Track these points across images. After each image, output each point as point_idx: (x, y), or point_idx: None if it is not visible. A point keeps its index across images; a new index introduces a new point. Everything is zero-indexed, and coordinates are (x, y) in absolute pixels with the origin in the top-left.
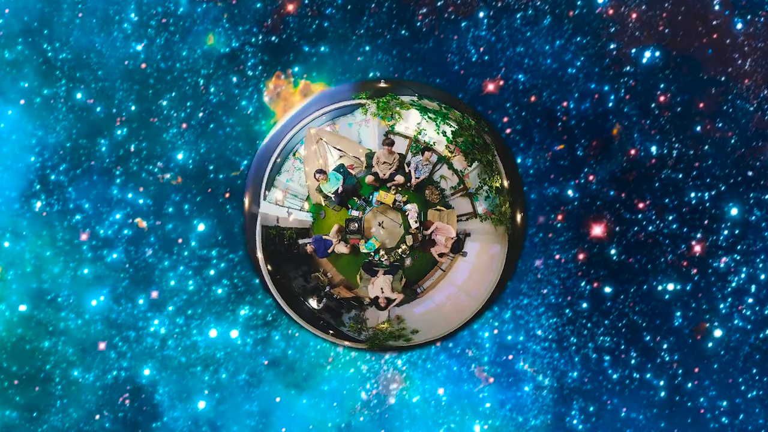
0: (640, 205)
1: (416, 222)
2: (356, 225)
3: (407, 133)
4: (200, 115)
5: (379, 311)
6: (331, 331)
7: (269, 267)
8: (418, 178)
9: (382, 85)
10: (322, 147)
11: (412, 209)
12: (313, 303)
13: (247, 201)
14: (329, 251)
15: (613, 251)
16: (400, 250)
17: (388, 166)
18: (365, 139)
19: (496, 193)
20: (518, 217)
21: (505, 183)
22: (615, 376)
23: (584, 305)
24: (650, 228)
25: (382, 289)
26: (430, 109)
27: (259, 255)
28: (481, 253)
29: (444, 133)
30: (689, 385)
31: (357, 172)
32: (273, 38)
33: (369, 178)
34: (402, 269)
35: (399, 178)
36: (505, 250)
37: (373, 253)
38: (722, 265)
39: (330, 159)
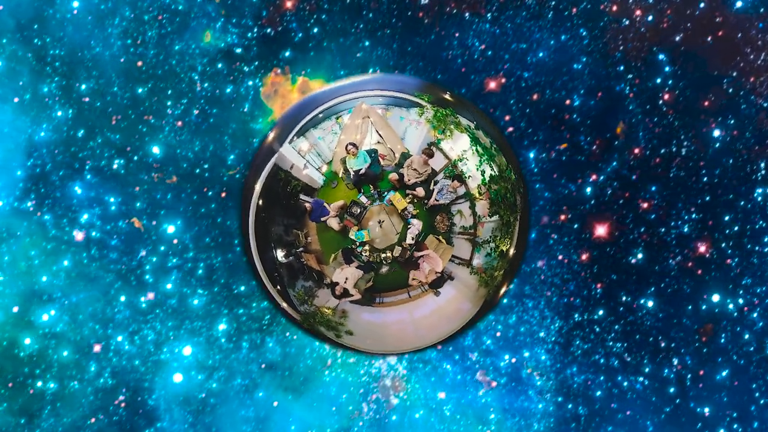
0: (645, 205)
1: (413, 239)
2: (358, 211)
3: (449, 154)
4: (195, 112)
5: (332, 297)
6: (278, 287)
7: (261, 201)
8: (437, 200)
9: (447, 97)
10: (366, 124)
11: (416, 225)
12: (280, 254)
13: (272, 135)
14: (322, 219)
15: (617, 252)
16: (383, 255)
17: (416, 175)
18: (409, 138)
19: (499, 256)
20: (504, 284)
21: (512, 251)
22: (621, 380)
23: (588, 307)
24: (655, 228)
25: (346, 279)
26: (482, 144)
27: (258, 186)
28: (452, 301)
29: (483, 173)
30: (698, 390)
31: (385, 165)
32: (270, 33)
33: (393, 176)
34: (375, 273)
35: (419, 191)
36: (473, 311)
37: (358, 244)
38: (732, 265)
39: (367, 139)
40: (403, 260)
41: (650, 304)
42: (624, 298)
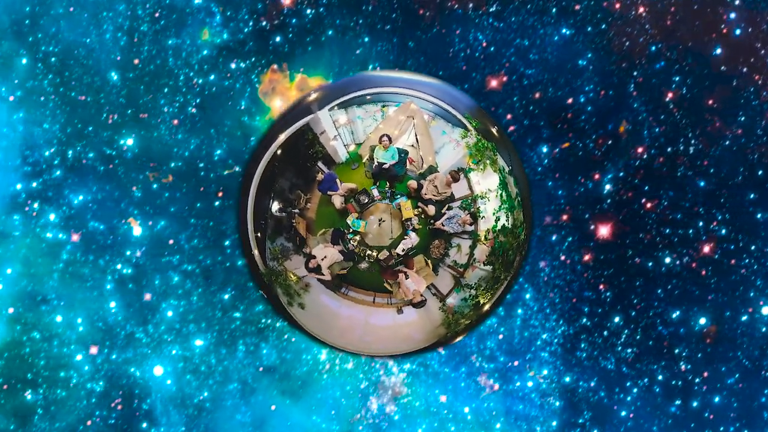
0: (648, 205)
1: (403, 251)
2: (366, 200)
3: (474, 186)
4: (192, 111)
5: (304, 267)
6: (258, 234)
7: (279, 151)
8: (443, 225)
9: (494, 131)
10: (408, 124)
11: (412, 239)
12: (274, 206)
13: (314, 95)
14: (328, 192)
15: (620, 252)
16: (369, 252)
17: (435, 192)
18: (443, 155)
19: (473, 306)
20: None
21: (487, 306)
22: (626, 384)
23: (592, 310)
24: (658, 228)
25: (325, 257)
26: (509, 191)
27: (282, 136)
28: (409, 325)
29: (497, 220)
30: (705, 394)
31: (410, 169)
32: (268, 29)
33: (412, 183)
34: (353, 264)
35: (431, 209)
36: (422, 344)
37: (351, 230)
38: (735, 265)
39: (404, 138)
40: (384, 266)
41: (655, 305)
42: (628, 301)
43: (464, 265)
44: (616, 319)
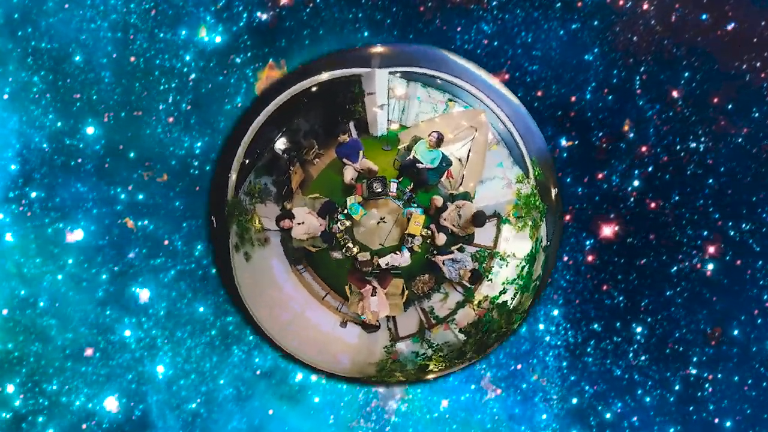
0: (652, 205)
1: (387, 265)
2: (378, 190)
3: (500, 242)
4: (188, 108)
5: (274, 220)
6: (246, 161)
7: (315, 88)
8: (442, 264)
9: (553, 192)
10: (467, 133)
11: (402, 258)
12: (280, 142)
13: (381, 49)
14: (343, 159)
15: (623, 253)
16: (350, 245)
17: (455, 222)
18: (487, 187)
19: (418, 368)
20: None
21: (431, 376)
22: (632, 388)
23: (596, 312)
24: (662, 228)
25: (302, 223)
26: (532, 271)
27: (326, 75)
28: (345, 344)
29: (502, 293)
30: (716, 399)
31: (442, 184)
32: (265, 24)
33: (437, 200)
34: (326, 248)
35: (441, 238)
36: (344, 371)
37: (344, 211)
38: (743, 267)
39: (454, 146)
40: (358, 268)
41: (659, 306)
42: (633, 302)
43: (439, 319)
44: (622, 322)
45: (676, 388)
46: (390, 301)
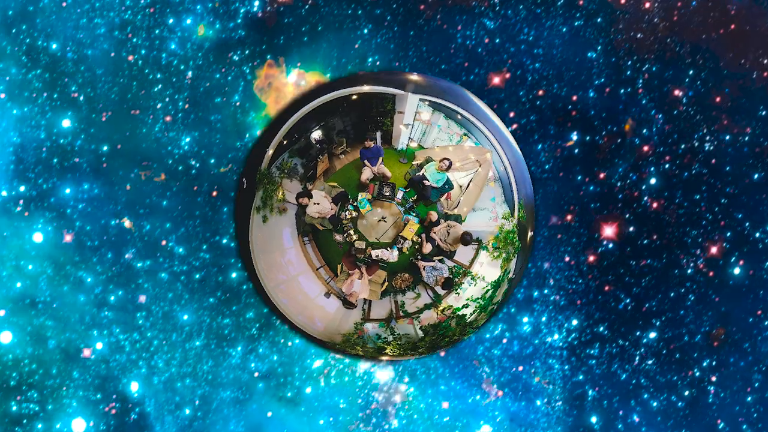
0: (654, 205)
1: (376, 257)
2: (387, 193)
3: (475, 264)
4: (186, 107)
5: (295, 196)
6: (285, 141)
7: (355, 96)
8: (423, 268)
9: (529, 235)
10: (472, 166)
11: (391, 254)
12: (317, 133)
13: (418, 78)
14: (364, 159)
15: (625, 253)
16: (351, 232)
17: (443, 237)
18: (476, 216)
19: (374, 349)
20: None
21: (384, 359)
22: (636, 390)
23: (598, 312)
24: (664, 228)
25: (317, 204)
26: (494, 296)
27: (367, 87)
28: (324, 311)
29: (463, 307)
30: (722, 402)
31: (441, 202)
32: (263, 22)
33: (432, 215)
34: (332, 230)
35: (427, 247)
36: (314, 331)
37: (354, 203)
38: (747, 267)
39: (458, 174)
40: (352, 253)
41: (662, 307)
42: (635, 303)
43: (406, 313)
44: (624, 323)
45: (681, 390)
46: (371, 287)
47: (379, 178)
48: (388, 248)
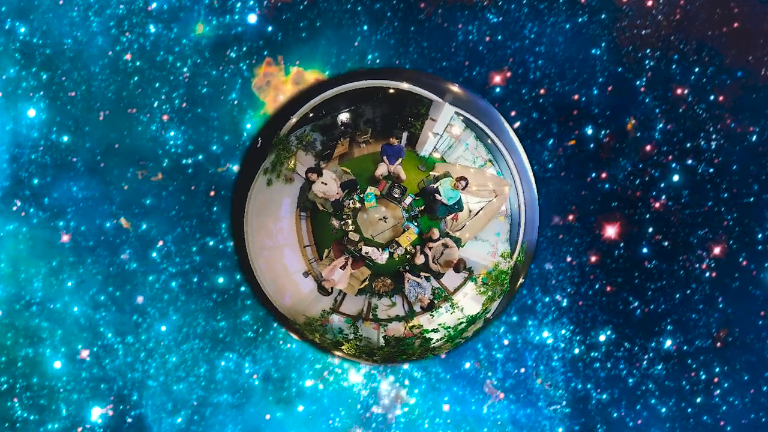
0: (657, 205)
1: (366, 254)
2: (395, 194)
3: (458, 293)
4: (183, 105)
5: (306, 168)
6: (311, 114)
7: (392, 90)
8: (407, 280)
9: (520, 281)
10: (487, 194)
11: (380, 256)
12: (344, 115)
13: (458, 90)
14: (384, 155)
15: (627, 254)
16: (349, 221)
17: (437, 255)
18: (476, 246)
19: (329, 341)
20: None
21: (337, 354)
22: (640, 392)
23: (602, 314)
24: (666, 228)
25: (325, 184)
26: (466, 330)
27: (405, 85)
28: (298, 289)
29: (433, 331)
30: (729, 405)
31: (447, 220)
32: (262, 18)
33: (434, 231)
34: (332, 214)
35: (419, 259)
36: (282, 306)
37: (361, 194)
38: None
39: (472, 198)
40: (344, 242)
41: (666, 308)
42: (639, 304)
43: (375, 318)
44: (629, 324)
45: (687, 394)
46: (350, 281)
47: (393, 178)
48: (380, 249)
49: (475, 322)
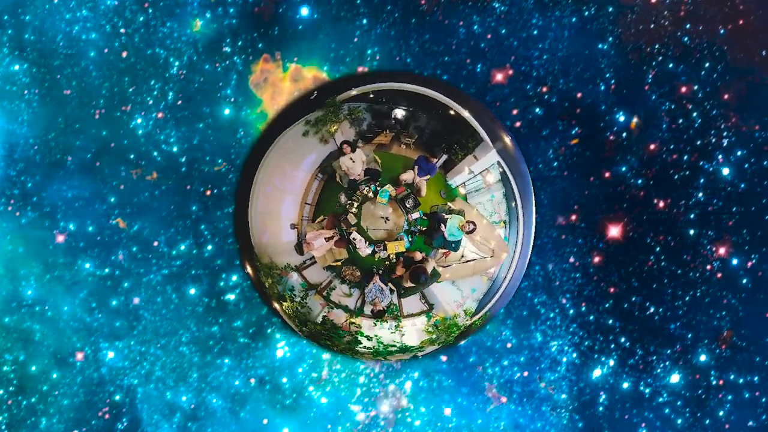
0: (661, 204)
1: (354, 239)
2: (409, 205)
3: (406, 320)
4: (178, 103)
5: (340, 144)
6: (371, 95)
7: (453, 112)
8: (374, 283)
9: (461, 341)
10: (485, 251)
11: (365, 248)
12: (399, 112)
13: (509, 141)
14: (414, 167)
15: (631, 254)
16: (354, 204)
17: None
18: (450, 289)
19: (279, 295)
20: None
21: (278, 308)
22: (647, 396)
23: (605, 315)
24: (670, 228)
25: (353, 161)
26: (389, 353)
27: (466, 113)
28: (283, 239)
29: (367, 337)
30: (736, 408)
31: (439, 250)
32: (259, 14)
33: (420, 254)
34: (344, 189)
35: (400, 270)
36: (260, 242)
37: (378, 187)
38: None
39: (470, 246)
40: (339, 220)
41: (669, 309)
42: (641, 304)
43: (327, 298)
44: (633, 326)
45: (692, 396)
46: (327, 254)
47: (413, 189)
48: (367, 242)
49: (405, 353)
